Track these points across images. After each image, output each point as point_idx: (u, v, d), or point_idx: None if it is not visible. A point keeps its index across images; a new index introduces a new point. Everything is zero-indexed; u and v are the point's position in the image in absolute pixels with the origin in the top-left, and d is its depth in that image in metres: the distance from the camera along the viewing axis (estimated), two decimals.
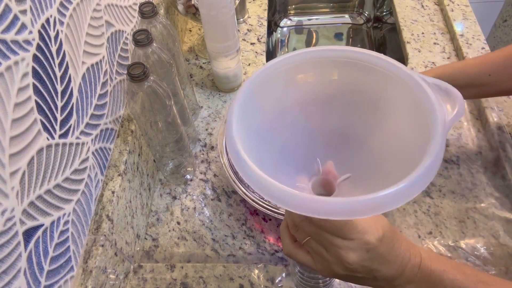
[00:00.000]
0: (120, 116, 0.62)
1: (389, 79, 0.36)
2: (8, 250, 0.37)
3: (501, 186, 0.66)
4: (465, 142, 0.72)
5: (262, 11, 1.00)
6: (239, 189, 0.61)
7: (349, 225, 0.34)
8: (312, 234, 0.36)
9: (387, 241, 0.35)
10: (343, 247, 0.35)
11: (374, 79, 0.37)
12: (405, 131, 0.36)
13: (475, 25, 0.88)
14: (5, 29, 0.37)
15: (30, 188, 0.41)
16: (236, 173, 0.62)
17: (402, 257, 0.36)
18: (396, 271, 0.36)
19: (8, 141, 0.38)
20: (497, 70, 0.57)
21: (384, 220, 0.36)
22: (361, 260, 0.35)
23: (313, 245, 0.37)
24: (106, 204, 0.54)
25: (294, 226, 0.38)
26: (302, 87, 0.40)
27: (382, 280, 0.36)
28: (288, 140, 0.41)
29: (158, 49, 0.57)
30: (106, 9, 0.57)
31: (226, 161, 0.63)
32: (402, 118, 0.37)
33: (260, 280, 0.58)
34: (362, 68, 0.37)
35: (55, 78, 0.45)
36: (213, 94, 0.83)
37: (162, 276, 0.60)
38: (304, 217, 0.36)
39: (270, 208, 0.58)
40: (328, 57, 0.37)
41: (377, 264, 0.35)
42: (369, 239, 0.34)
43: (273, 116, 0.39)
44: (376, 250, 0.35)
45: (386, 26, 1.10)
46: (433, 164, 0.28)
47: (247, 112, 0.35)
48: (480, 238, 0.61)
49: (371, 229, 0.35)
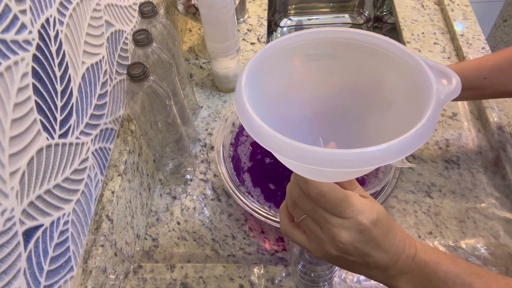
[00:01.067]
0: (120, 116, 0.62)
1: (389, 58, 0.36)
2: (8, 250, 0.37)
3: (501, 186, 0.66)
4: (465, 142, 0.72)
5: (262, 11, 1.00)
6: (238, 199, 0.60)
7: (345, 204, 0.35)
8: (309, 211, 0.37)
9: (381, 226, 0.36)
10: (337, 225, 0.35)
11: (374, 60, 0.38)
12: (404, 113, 0.37)
13: (475, 25, 0.88)
14: (4, 29, 0.37)
15: (29, 188, 0.41)
16: (234, 181, 0.62)
17: (397, 246, 0.36)
18: (390, 260, 0.36)
19: (8, 141, 0.38)
20: (492, 73, 0.58)
21: (381, 207, 0.37)
22: (353, 240, 0.35)
23: (309, 223, 0.37)
24: (106, 204, 0.54)
25: (293, 204, 0.39)
26: (306, 67, 0.40)
27: (375, 268, 0.37)
28: (291, 118, 0.41)
29: (158, 49, 0.56)
30: (106, 9, 0.57)
31: (224, 169, 0.63)
32: (402, 100, 0.37)
33: (260, 280, 0.58)
34: (363, 49, 0.38)
35: (55, 78, 0.45)
36: (213, 94, 0.83)
37: (162, 276, 0.60)
38: (302, 193, 0.36)
39: (264, 215, 0.58)
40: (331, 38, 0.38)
41: (370, 249, 0.35)
42: (363, 219, 0.35)
43: (279, 91, 0.40)
44: (369, 233, 0.35)
45: (386, 26, 1.10)
46: (424, 128, 0.30)
47: (254, 85, 0.36)
48: (480, 238, 0.61)
49: (365, 211, 0.35)
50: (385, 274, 0.37)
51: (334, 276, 0.52)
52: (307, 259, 0.49)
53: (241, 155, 0.68)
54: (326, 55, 0.39)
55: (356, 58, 0.39)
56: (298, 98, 0.42)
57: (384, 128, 0.39)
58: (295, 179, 0.37)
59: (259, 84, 0.37)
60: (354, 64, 0.39)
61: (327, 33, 0.38)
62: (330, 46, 0.39)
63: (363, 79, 0.40)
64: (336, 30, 0.38)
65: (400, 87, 0.38)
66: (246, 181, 0.65)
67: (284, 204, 0.41)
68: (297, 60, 0.40)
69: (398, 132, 0.30)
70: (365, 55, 0.38)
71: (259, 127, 0.31)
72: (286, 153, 0.30)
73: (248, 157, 0.68)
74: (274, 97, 0.40)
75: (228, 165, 0.65)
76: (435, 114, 0.31)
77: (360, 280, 0.57)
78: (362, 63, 0.39)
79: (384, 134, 0.38)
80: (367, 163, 0.29)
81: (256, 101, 0.34)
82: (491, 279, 0.36)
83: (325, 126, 0.43)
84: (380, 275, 0.37)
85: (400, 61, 0.36)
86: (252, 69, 0.36)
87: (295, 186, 0.37)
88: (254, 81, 0.35)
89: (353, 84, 0.41)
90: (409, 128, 0.30)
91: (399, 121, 0.36)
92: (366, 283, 0.57)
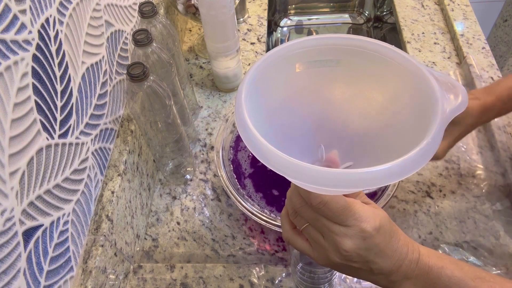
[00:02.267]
0: (119, 116, 0.62)
1: (394, 68, 0.36)
2: (8, 250, 0.37)
3: (502, 186, 0.66)
4: (466, 142, 0.72)
5: (262, 11, 1.00)
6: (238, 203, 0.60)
7: (347, 212, 0.34)
8: (311, 220, 0.37)
9: (384, 233, 0.35)
10: (340, 234, 0.35)
11: (379, 68, 0.37)
12: (407, 124, 0.36)
13: (475, 25, 0.88)
14: (4, 29, 0.37)
15: (29, 188, 0.41)
16: (233, 185, 0.62)
17: (400, 251, 0.36)
18: (393, 265, 0.36)
19: (8, 141, 0.38)
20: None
21: (384, 213, 0.36)
22: (357, 248, 0.35)
23: (311, 231, 0.37)
24: (105, 204, 0.54)
25: (294, 212, 0.38)
26: (309, 73, 0.40)
27: (379, 274, 0.36)
28: (294, 124, 0.41)
29: (158, 49, 0.56)
30: (105, 9, 0.57)
31: (223, 172, 0.63)
32: (406, 110, 0.37)
33: (260, 280, 0.58)
34: (368, 56, 0.37)
35: (55, 78, 0.45)
36: (213, 94, 0.83)
37: (162, 277, 0.60)
38: (304, 202, 0.36)
39: (264, 218, 0.58)
40: (335, 45, 0.38)
41: (374, 255, 0.35)
42: (366, 227, 0.34)
43: (281, 98, 0.40)
44: (373, 240, 0.35)
45: (386, 25, 1.10)
46: (428, 147, 0.29)
47: (256, 91, 0.35)
48: (480, 238, 0.61)
49: (368, 218, 0.35)
50: (389, 279, 0.37)
51: (335, 277, 0.52)
52: (307, 260, 0.49)
53: (242, 161, 0.68)
54: (329, 61, 0.39)
55: (360, 65, 0.38)
56: (300, 105, 0.41)
57: (387, 135, 0.39)
58: (296, 188, 0.37)
59: (260, 93, 0.36)
60: (357, 71, 0.39)
61: (330, 40, 0.38)
62: (333, 52, 0.38)
63: (367, 86, 0.40)
64: (340, 36, 0.38)
65: (404, 96, 0.37)
66: (248, 186, 0.65)
67: (285, 211, 0.41)
68: (299, 66, 0.40)
69: (401, 139, 0.30)
70: (369, 63, 0.37)
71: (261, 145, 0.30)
72: (291, 174, 0.30)
73: (249, 163, 0.68)
74: (276, 104, 0.40)
75: (228, 168, 0.65)
76: (439, 132, 0.30)
77: (360, 281, 0.57)
78: (367, 70, 0.38)
79: (387, 141, 0.38)
80: (370, 183, 0.29)
81: (257, 110, 0.34)
82: (496, 283, 0.35)
83: (327, 133, 0.43)
84: (384, 281, 0.37)
85: (406, 72, 0.35)
86: (252, 80, 0.35)
87: (296, 195, 0.37)
88: (254, 91, 0.35)
89: (357, 91, 0.41)
90: (412, 137, 0.30)
91: (403, 129, 0.36)
92: (366, 283, 0.57)
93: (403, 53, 0.36)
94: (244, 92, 0.34)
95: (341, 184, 0.29)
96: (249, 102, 0.34)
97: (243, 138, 0.32)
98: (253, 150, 0.31)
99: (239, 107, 0.33)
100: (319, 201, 0.34)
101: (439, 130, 0.30)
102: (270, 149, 0.30)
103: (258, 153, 0.31)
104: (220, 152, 0.64)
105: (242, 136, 0.32)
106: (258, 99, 0.36)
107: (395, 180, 0.29)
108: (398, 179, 0.29)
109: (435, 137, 0.30)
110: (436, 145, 0.30)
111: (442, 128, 0.31)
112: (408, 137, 0.32)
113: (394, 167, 0.28)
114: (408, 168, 0.29)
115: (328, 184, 0.29)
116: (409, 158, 0.29)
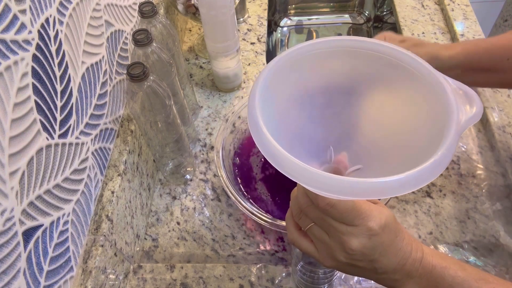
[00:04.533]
0: (119, 116, 0.62)
1: (409, 73, 0.36)
2: (8, 250, 0.37)
3: (502, 186, 0.66)
4: (466, 142, 0.72)
5: (262, 11, 1.00)
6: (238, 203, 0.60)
7: (354, 212, 0.34)
8: (316, 220, 0.37)
9: (390, 231, 0.35)
10: (346, 233, 0.35)
11: (393, 73, 0.37)
12: (420, 132, 0.36)
13: (475, 25, 0.88)
14: (4, 29, 0.37)
15: (29, 188, 0.41)
16: (233, 186, 0.62)
17: (404, 250, 0.36)
18: (397, 264, 0.36)
19: (8, 141, 0.38)
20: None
21: (389, 212, 0.36)
22: (363, 247, 0.35)
23: (316, 231, 0.37)
24: (105, 204, 0.54)
25: (299, 213, 0.38)
26: (322, 75, 0.40)
27: (383, 273, 0.36)
28: (304, 125, 0.41)
29: (158, 49, 0.56)
30: (105, 8, 0.57)
31: (224, 173, 0.63)
32: (419, 116, 0.37)
33: (260, 280, 0.58)
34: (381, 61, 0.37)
35: (55, 78, 0.45)
36: (213, 94, 0.83)
37: (162, 277, 0.60)
38: (310, 202, 0.36)
39: (264, 219, 0.58)
40: (348, 47, 0.38)
41: (378, 255, 0.35)
42: (372, 225, 0.34)
43: (291, 99, 0.40)
44: (378, 238, 0.35)
45: (386, 25, 1.10)
46: (443, 157, 0.29)
47: (268, 93, 0.35)
48: (481, 238, 0.61)
49: (374, 217, 0.35)
50: (392, 278, 0.37)
51: (335, 277, 0.52)
52: (309, 259, 0.49)
53: (253, 165, 0.68)
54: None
55: (373, 69, 0.38)
56: (310, 106, 0.41)
57: (398, 141, 0.38)
58: (303, 189, 0.37)
59: (271, 94, 0.36)
60: (370, 75, 0.39)
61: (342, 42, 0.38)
62: (345, 55, 0.38)
63: (380, 90, 0.40)
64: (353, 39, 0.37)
65: (417, 103, 0.37)
66: (249, 189, 0.65)
67: (290, 212, 0.41)
68: (315, 67, 0.39)
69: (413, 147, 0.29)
70: (383, 67, 0.37)
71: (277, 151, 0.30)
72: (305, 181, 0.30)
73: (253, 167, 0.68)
74: (286, 105, 0.40)
75: (228, 169, 0.65)
76: (454, 142, 0.30)
77: (360, 281, 0.57)
78: (380, 75, 0.38)
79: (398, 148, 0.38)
80: (385, 193, 0.29)
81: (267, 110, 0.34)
82: (500, 285, 0.35)
83: (337, 134, 0.43)
84: (387, 280, 0.37)
85: (420, 78, 0.35)
86: (264, 83, 0.35)
87: (303, 195, 0.37)
88: (266, 93, 0.35)
89: (369, 95, 0.40)
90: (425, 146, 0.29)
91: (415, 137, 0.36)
92: (366, 283, 0.57)
93: (418, 59, 0.35)
94: (257, 96, 0.34)
95: (355, 193, 0.29)
96: (261, 104, 0.34)
97: (256, 142, 0.32)
98: (267, 156, 0.31)
99: (252, 110, 0.33)
100: (327, 203, 0.34)
101: (453, 141, 0.30)
102: (284, 155, 0.30)
103: (271, 158, 0.31)
104: (220, 152, 0.64)
105: (256, 140, 0.32)
106: (269, 101, 0.36)
107: (409, 191, 0.29)
108: (412, 190, 0.29)
109: (450, 148, 0.30)
110: (450, 156, 0.30)
111: (457, 138, 0.30)
112: (421, 145, 0.31)
113: (409, 177, 0.28)
114: (422, 178, 0.29)
115: (343, 192, 0.29)
116: (424, 169, 0.28)
